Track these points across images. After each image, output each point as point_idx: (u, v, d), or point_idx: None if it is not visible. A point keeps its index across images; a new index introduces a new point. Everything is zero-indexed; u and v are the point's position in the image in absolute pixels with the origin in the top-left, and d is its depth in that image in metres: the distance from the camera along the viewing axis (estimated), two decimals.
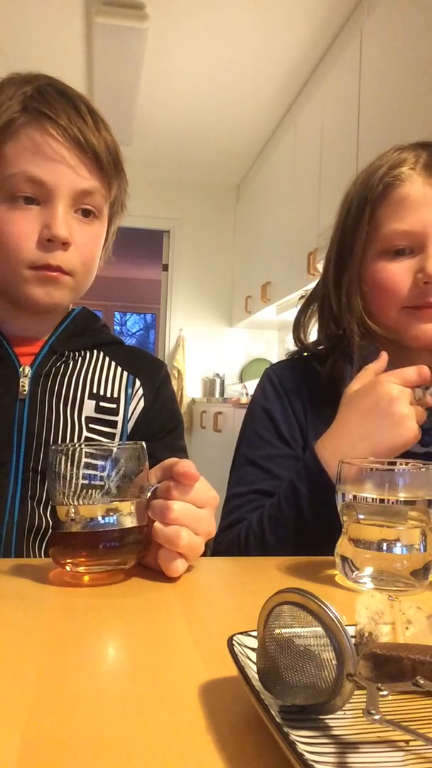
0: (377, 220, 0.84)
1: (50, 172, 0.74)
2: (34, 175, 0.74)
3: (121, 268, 7.71)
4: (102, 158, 0.78)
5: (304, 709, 0.31)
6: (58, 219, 0.75)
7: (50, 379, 0.82)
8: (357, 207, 0.86)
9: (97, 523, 0.56)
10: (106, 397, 0.85)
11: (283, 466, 0.85)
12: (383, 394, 0.73)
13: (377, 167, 0.85)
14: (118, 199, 0.86)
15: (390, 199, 0.83)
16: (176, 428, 0.92)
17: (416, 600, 0.44)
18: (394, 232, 0.82)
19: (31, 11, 3.09)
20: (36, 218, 0.75)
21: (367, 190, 0.85)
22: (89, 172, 0.77)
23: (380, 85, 2.52)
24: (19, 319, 0.82)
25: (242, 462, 0.89)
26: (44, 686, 0.36)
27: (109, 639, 0.45)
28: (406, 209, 0.81)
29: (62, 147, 0.75)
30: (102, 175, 0.79)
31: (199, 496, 0.58)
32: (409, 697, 0.35)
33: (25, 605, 0.50)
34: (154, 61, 3.45)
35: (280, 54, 3.39)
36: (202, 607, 0.52)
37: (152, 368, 0.92)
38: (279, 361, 1.03)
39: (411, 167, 0.83)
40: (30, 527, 0.76)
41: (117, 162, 0.81)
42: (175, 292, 5.34)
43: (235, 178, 5.26)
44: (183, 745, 0.30)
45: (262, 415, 0.91)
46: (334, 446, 0.74)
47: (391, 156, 0.86)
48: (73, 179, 0.76)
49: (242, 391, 4.83)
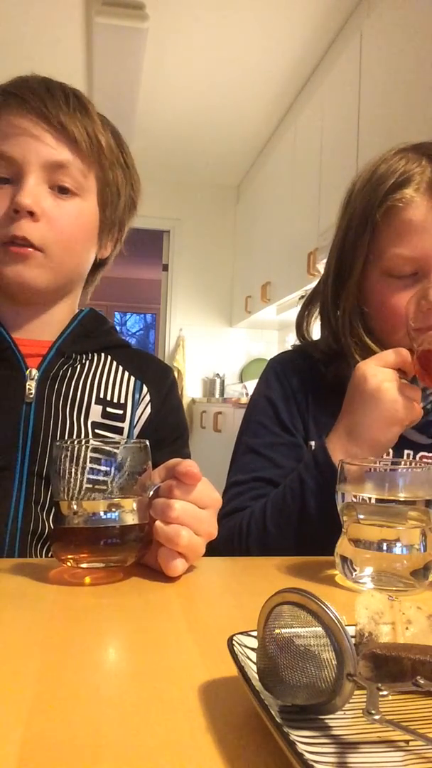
0: (379, 241, 0.81)
1: (14, 145, 0.75)
2: (1, 152, 0.74)
3: (121, 268, 7.70)
4: (71, 131, 0.77)
5: (304, 709, 0.31)
6: (24, 189, 0.74)
7: (57, 382, 0.81)
8: (358, 225, 0.83)
9: (99, 518, 0.57)
10: (113, 402, 0.84)
11: (285, 454, 0.85)
12: (359, 375, 0.73)
13: (381, 180, 0.81)
14: (111, 183, 0.84)
15: (393, 222, 0.80)
16: (181, 436, 0.91)
17: (416, 600, 0.44)
18: (398, 257, 0.80)
19: (31, 11, 3.09)
20: (7, 195, 0.75)
21: (369, 207, 0.81)
22: (57, 142, 0.77)
23: (380, 85, 2.52)
24: (23, 317, 0.82)
25: (244, 450, 0.88)
26: (44, 686, 0.36)
27: (109, 639, 0.45)
28: (409, 234, 0.79)
29: (25, 120, 0.76)
30: (74, 149, 0.78)
31: (202, 497, 0.58)
32: (409, 697, 0.35)
33: (25, 605, 0.50)
34: (154, 61, 3.45)
35: (280, 54, 3.39)
36: (202, 607, 0.52)
37: (160, 374, 0.91)
38: (283, 351, 1.03)
39: (415, 188, 0.79)
40: (33, 532, 0.75)
41: (93, 138, 0.79)
42: (175, 292, 5.34)
43: (235, 178, 5.25)
44: (183, 745, 0.30)
45: (264, 403, 0.90)
46: (335, 439, 0.74)
47: (396, 165, 0.81)
48: (39, 150, 0.75)
49: (242, 391, 4.83)
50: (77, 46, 3.40)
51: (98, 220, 0.84)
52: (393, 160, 0.83)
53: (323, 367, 0.89)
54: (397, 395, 0.71)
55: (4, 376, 0.78)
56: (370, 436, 0.71)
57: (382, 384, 0.71)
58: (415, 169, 0.80)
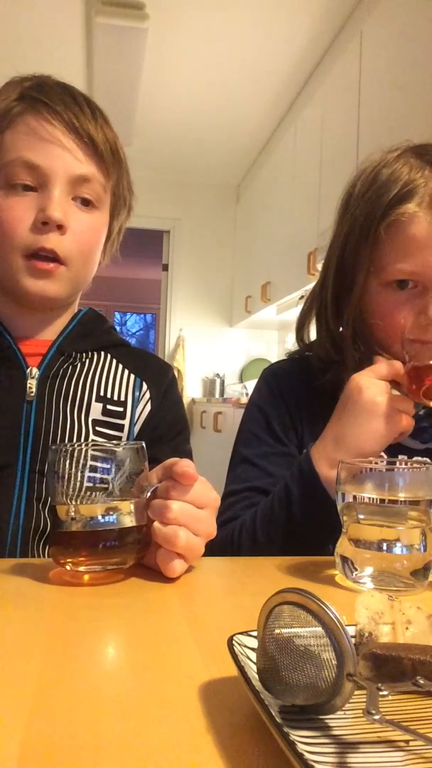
0: (381, 254, 0.81)
1: (45, 155, 0.75)
2: (29, 160, 0.74)
3: (121, 268, 7.69)
4: (99, 145, 0.78)
5: (304, 709, 0.31)
6: (53, 201, 0.74)
7: (57, 380, 0.81)
8: (359, 235, 0.82)
9: (97, 522, 0.56)
10: (113, 400, 0.85)
11: (277, 463, 0.86)
12: (353, 386, 0.73)
13: (382, 188, 0.80)
14: (120, 195, 0.85)
15: (396, 237, 0.79)
16: (182, 432, 0.91)
17: (416, 600, 0.44)
18: (399, 272, 0.79)
19: (32, 11, 3.09)
20: (32, 203, 0.75)
21: (371, 218, 0.80)
22: (85, 156, 0.77)
23: (380, 85, 2.52)
24: (24, 318, 0.82)
25: (238, 460, 0.90)
26: (44, 686, 0.36)
27: (109, 639, 0.45)
28: (412, 249, 0.78)
29: (57, 131, 0.75)
30: (99, 163, 0.79)
31: (199, 497, 0.58)
32: (409, 697, 0.35)
33: (25, 605, 0.50)
34: (154, 61, 3.44)
35: (280, 54, 3.39)
36: (202, 607, 0.52)
37: (159, 371, 0.92)
38: (278, 360, 1.03)
39: (419, 202, 0.78)
40: (35, 529, 0.75)
41: (116, 152, 0.81)
42: (175, 292, 5.34)
43: (235, 178, 5.25)
44: (183, 745, 0.30)
45: (257, 413, 0.91)
46: (321, 448, 0.75)
47: (399, 171, 0.80)
48: (69, 163, 0.76)
49: (242, 391, 4.83)
50: (77, 46, 3.40)
51: (108, 229, 0.86)
52: (396, 166, 0.81)
53: (321, 374, 0.88)
54: (390, 409, 0.72)
55: (5, 375, 0.79)
56: (356, 446, 0.72)
57: (375, 397, 0.72)
58: (418, 180, 0.79)
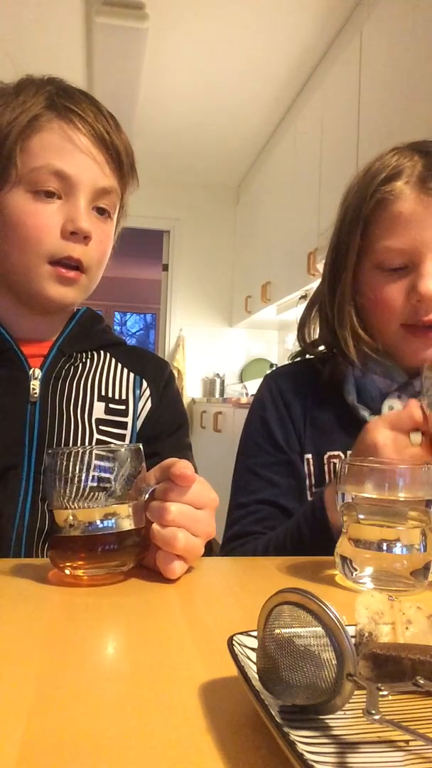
0: (371, 234, 0.82)
1: (75, 165, 0.75)
2: (59, 168, 0.74)
3: (121, 268, 7.70)
4: (123, 159, 0.79)
5: (304, 709, 0.31)
6: (82, 212, 0.75)
7: (60, 381, 0.82)
8: (351, 219, 0.84)
9: (95, 527, 0.56)
10: (114, 398, 0.85)
11: (280, 472, 0.87)
12: (369, 442, 0.67)
13: (374, 174, 0.83)
14: (126, 202, 0.87)
15: (383, 215, 0.81)
16: (181, 426, 0.92)
17: (416, 600, 0.44)
18: (388, 250, 0.80)
19: (31, 11, 3.08)
20: (58, 211, 0.76)
21: (361, 201, 0.83)
22: (111, 170, 0.79)
23: (380, 85, 2.52)
24: (26, 319, 0.82)
25: (242, 470, 0.91)
26: (44, 686, 0.36)
27: (109, 639, 0.45)
28: (399, 227, 0.79)
29: (89, 142, 0.76)
30: (120, 176, 0.80)
31: (198, 497, 0.58)
32: (409, 697, 0.35)
33: (25, 605, 0.50)
34: (154, 61, 3.44)
35: (280, 54, 3.39)
36: (202, 607, 0.52)
37: (157, 368, 0.93)
38: (279, 366, 1.04)
39: (405, 181, 0.80)
40: (40, 529, 0.75)
41: (133, 165, 0.83)
42: (175, 292, 5.34)
43: (235, 178, 5.25)
44: (183, 745, 0.30)
45: (258, 423, 0.92)
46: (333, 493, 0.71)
47: (389, 161, 0.83)
48: (97, 175, 0.77)
49: (242, 391, 4.83)
50: (77, 46, 3.40)
51: None
52: (386, 157, 0.84)
53: (320, 365, 0.89)
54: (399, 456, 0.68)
55: (7, 376, 0.79)
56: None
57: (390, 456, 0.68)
58: (406, 163, 0.81)
